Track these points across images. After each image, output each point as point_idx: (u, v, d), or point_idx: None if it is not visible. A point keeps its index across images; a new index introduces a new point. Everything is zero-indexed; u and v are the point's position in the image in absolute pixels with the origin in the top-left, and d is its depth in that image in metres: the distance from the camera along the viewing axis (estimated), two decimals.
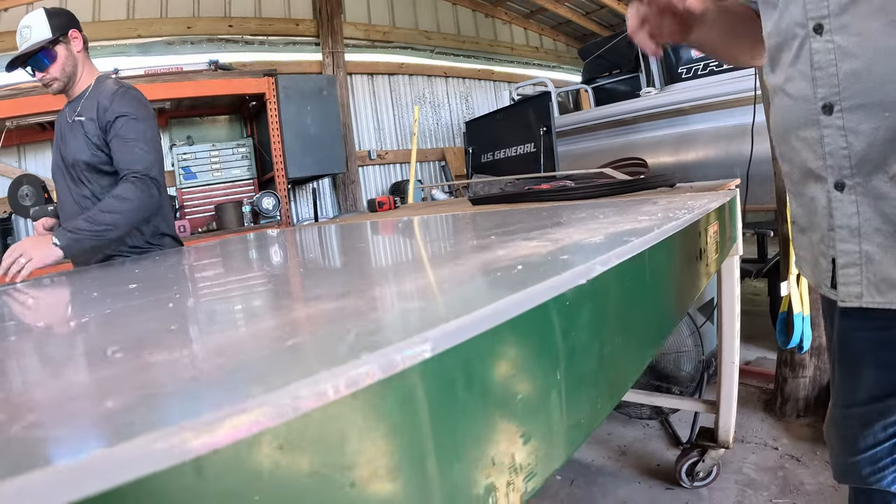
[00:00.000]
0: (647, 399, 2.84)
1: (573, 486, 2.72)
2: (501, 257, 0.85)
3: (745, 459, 2.74)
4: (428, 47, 9.20)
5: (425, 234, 1.52)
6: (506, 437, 0.52)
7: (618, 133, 5.06)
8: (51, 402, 0.45)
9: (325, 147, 6.45)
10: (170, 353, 0.53)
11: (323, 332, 0.55)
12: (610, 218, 1.18)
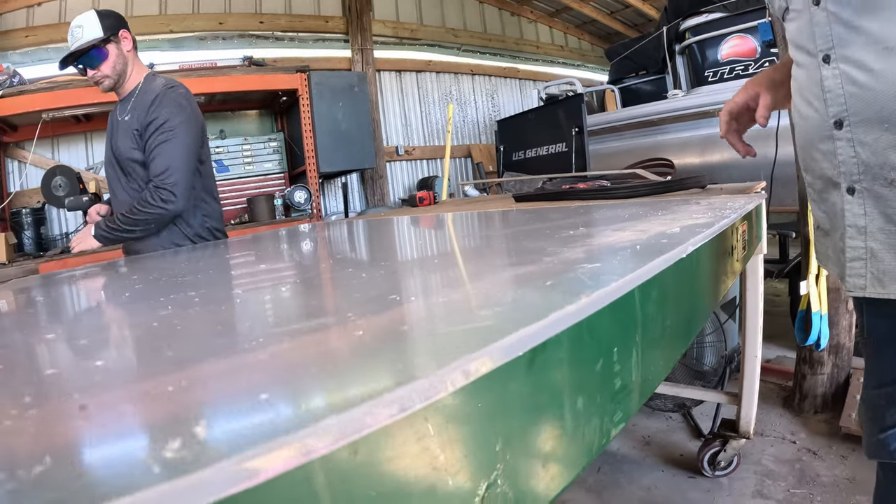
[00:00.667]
0: (673, 390, 2.93)
1: (600, 473, 2.82)
2: (617, 240, 0.95)
3: (764, 452, 2.82)
4: (455, 45, 9.26)
5: (518, 225, 1.53)
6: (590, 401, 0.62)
7: (644, 134, 5.10)
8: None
9: (356, 142, 6.51)
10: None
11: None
12: (670, 215, 1.27)
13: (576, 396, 0.57)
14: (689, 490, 2.62)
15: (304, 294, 0.95)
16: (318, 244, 1.90)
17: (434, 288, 0.86)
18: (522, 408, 0.50)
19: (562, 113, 5.00)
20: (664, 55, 6.08)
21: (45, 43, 6.58)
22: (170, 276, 1.40)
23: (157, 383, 0.47)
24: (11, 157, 6.40)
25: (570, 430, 0.56)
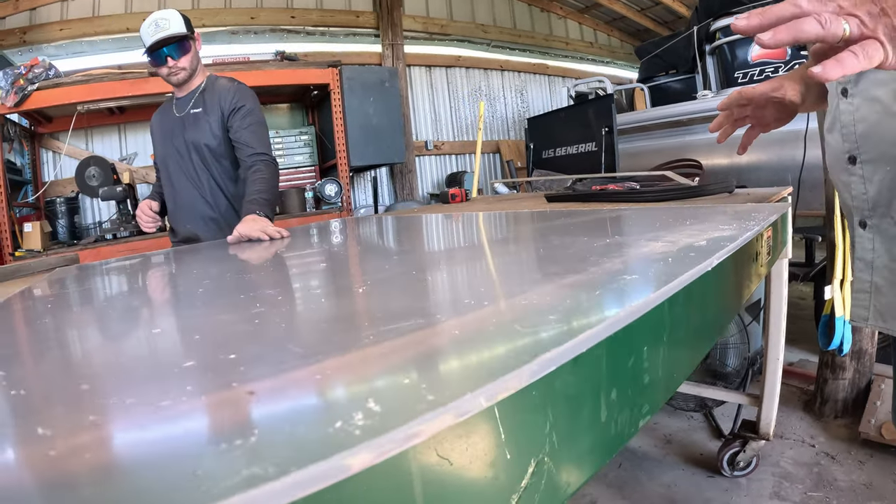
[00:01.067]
0: (696, 390, 2.96)
1: (620, 469, 2.86)
2: (651, 251, 1.01)
3: (783, 454, 2.84)
4: (484, 41, 9.27)
5: (558, 230, 1.52)
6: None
7: (673, 133, 5.11)
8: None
9: (386, 137, 6.56)
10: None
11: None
12: (698, 224, 1.30)
13: (610, 389, 0.63)
14: (708, 489, 2.66)
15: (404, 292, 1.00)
16: (397, 240, 1.93)
17: (503, 292, 0.91)
18: (566, 397, 0.55)
19: (592, 112, 5.03)
20: (694, 55, 6.08)
21: (79, 36, 6.71)
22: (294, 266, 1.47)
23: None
24: (46, 147, 6.53)
25: (604, 418, 0.62)
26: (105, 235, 5.61)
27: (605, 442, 0.64)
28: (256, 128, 3.02)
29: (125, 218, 5.58)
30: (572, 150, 5.18)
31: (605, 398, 0.63)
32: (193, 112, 3.01)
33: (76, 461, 0.38)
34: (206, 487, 0.32)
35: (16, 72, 5.20)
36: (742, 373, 3.18)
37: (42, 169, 6.54)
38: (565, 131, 5.36)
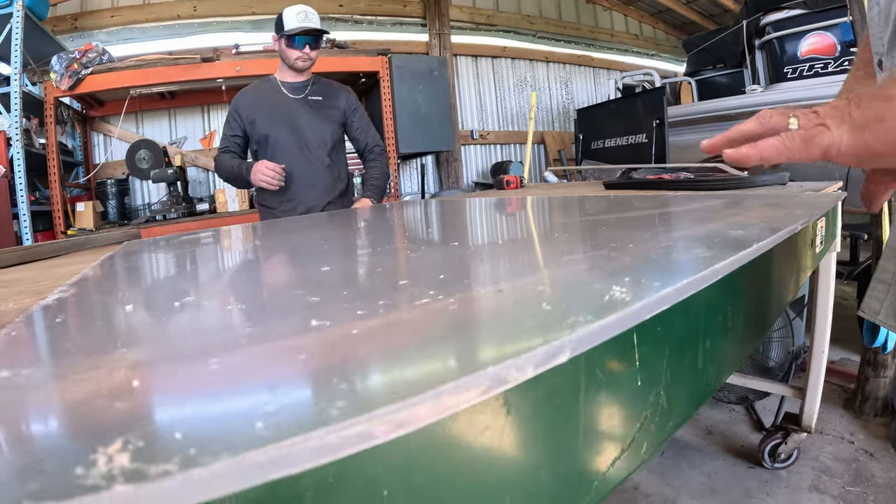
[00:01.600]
0: (742, 381, 2.97)
1: (663, 457, 2.89)
2: (714, 230, 1.04)
3: (823, 449, 2.86)
4: (530, 32, 9.25)
5: (626, 210, 1.55)
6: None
7: (720, 128, 5.03)
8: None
9: (434, 125, 6.60)
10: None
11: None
12: (756, 211, 1.30)
13: (706, 339, 0.71)
14: (748, 479, 2.69)
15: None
16: (491, 219, 1.97)
17: (588, 264, 0.95)
18: (678, 339, 0.64)
19: (643, 104, 5.02)
20: (743, 49, 6.03)
21: (130, 23, 6.87)
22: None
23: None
24: (97, 130, 6.70)
25: (700, 365, 0.69)
26: (155, 216, 5.75)
27: (700, 387, 0.71)
28: (370, 125, 3.52)
29: (175, 199, 5.72)
30: (622, 142, 5.18)
31: (703, 347, 0.68)
32: (313, 99, 3.30)
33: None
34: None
35: (70, 56, 5.32)
36: (785, 366, 3.19)
37: (93, 151, 6.72)
38: (615, 123, 5.35)
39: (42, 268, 1.52)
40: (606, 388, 0.54)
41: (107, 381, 0.43)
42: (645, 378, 0.58)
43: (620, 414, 0.57)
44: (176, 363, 0.50)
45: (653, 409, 0.60)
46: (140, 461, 0.29)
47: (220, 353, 0.50)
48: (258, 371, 0.45)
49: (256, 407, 0.36)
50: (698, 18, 11.08)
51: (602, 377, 0.52)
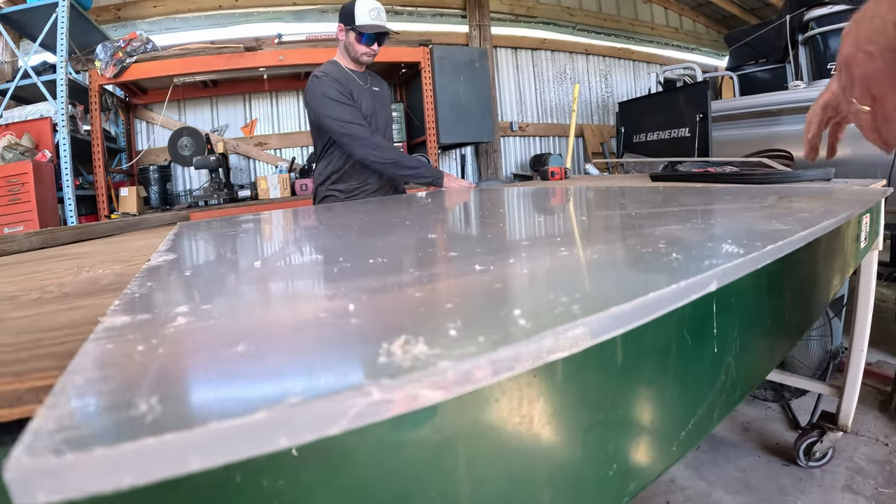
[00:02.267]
0: (780, 377, 2.97)
1: (698, 451, 2.91)
2: (762, 217, 1.07)
3: (857, 450, 2.85)
4: (570, 24, 9.20)
5: (676, 201, 1.59)
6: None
7: (761, 124, 5.05)
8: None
9: (475, 116, 6.63)
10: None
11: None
12: (804, 202, 1.32)
13: (766, 315, 0.73)
14: (783, 476, 2.70)
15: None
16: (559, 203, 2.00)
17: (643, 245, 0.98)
18: (747, 309, 0.67)
19: (686, 98, 5.00)
20: (786, 44, 5.98)
21: (172, 13, 7.00)
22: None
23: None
24: (140, 117, 6.85)
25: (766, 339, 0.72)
26: (197, 202, 5.86)
27: (762, 362, 0.76)
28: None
29: (217, 186, 5.81)
30: (664, 136, 5.16)
31: (765, 323, 0.73)
32: (375, 89, 3.42)
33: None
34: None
35: (115, 45, 5.44)
36: (823, 365, 3.18)
37: (136, 138, 6.87)
38: (657, 116, 5.33)
39: (108, 243, 1.59)
40: (692, 351, 0.57)
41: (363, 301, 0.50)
42: (720, 347, 0.62)
43: (701, 377, 0.61)
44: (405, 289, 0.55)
45: (725, 375, 0.63)
46: (432, 348, 0.37)
47: (420, 284, 0.54)
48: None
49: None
50: (739, 12, 10.96)
51: (689, 340, 0.56)
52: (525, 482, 0.44)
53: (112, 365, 0.35)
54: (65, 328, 0.51)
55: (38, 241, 1.71)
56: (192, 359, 0.37)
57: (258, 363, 0.36)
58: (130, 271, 0.86)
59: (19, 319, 0.56)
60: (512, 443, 0.43)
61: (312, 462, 0.32)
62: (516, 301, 0.45)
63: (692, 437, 0.61)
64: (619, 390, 0.50)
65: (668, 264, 0.55)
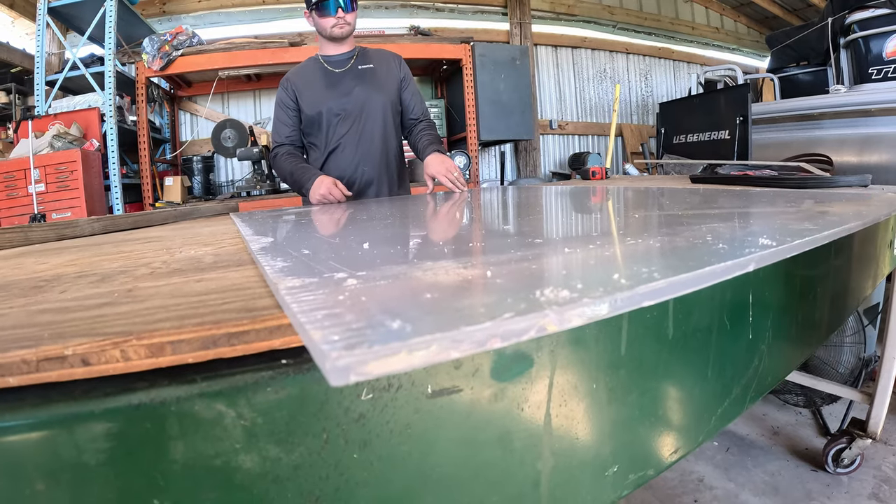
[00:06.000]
0: (811, 382, 2.99)
1: (728, 453, 2.95)
2: (800, 216, 1.12)
3: (886, 459, 2.87)
4: (610, 22, 9.19)
5: (720, 202, 1.65)
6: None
7: (801, 127, 5.04)
8: None
9: (516, 114, 6.65)
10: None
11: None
12: (837, 206, 1.37)
13: (802, 307, 0.81)
14: (810, 482, 2.73)
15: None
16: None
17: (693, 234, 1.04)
18: (779, 298, 0.74)
19: (726, 101, 5.00)
20: (827, 47, 5.93)
21: (216, 8, 7.17)
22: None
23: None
24: (184, 109, 7.03)
25: (800, 322, 0.80)
26: (240, 192, 5.99)
27: (791, 354, 0.83)
28: (421, 95, 3.37)
29: (260, 177, 5.91)
30: (704, 137, 5.16)
31: (796, 318, 0.80)
32: (363, 67, 3.18)
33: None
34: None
35: (162, 38, 5.58)
36: (856, 373, 3.20)
37: (180, 129, 7.04)
38: (697, 118, 5.33)
39: (174, 230, 1.66)
40: (730, 333, 0.64)
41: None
42: (755, 332, 0.68)
43: (737, 356, 0.68)
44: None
45: (759, 360, 0.70)
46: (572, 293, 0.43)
47: (528, 261, 0.61)
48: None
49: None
50: (780, 12, 10.84)
51: (728, 325, 0.63)
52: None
53: (336, 306, 0.41)
54: (212, 293, 0.55)
55: (99, 227, 1.81)
56: (400, 301, 0.42)
57: (452, 303, 0.42)
58: (224, 252, 0.91)
59: (159, 287, 0.61)
60: (598, 376, 0.52)
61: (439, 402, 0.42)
62: (610, 270, 0.51)
63: (728, 413, 0.68)
64: (671, 357, 0.59)
65: (717, 251, 0.61)
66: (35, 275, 0.82)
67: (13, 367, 0.33)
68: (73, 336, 0.37)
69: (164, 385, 0.36)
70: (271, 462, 0.35)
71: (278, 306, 0.44)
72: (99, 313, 0.46)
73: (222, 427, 0.35)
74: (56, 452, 0.33)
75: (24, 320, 0.46)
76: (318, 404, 0.36)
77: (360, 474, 0.38)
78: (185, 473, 0.34)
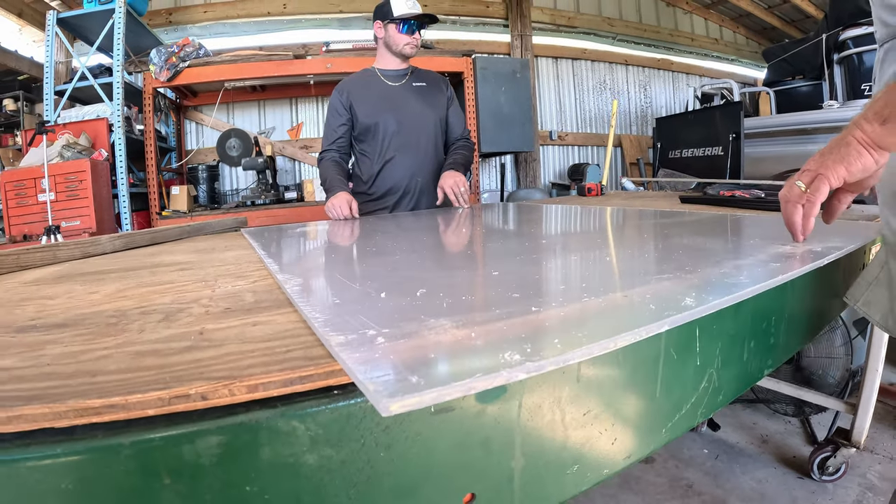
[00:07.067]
0: (798, 393, 3.07)
1: (717, 460, 3.04)
2: (778, 253, 1.22)
3: (871, 468, 2.95)
4: (610, 34, 9.31)
5: (712, 230, 1.69)
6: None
7: (796, 141, 5.12)
8: None
9: (516, 126, 6.70)
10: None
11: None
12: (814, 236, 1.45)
13: (751, 340, 0.94)
14: (796, 489, 2.81)
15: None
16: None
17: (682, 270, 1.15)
18: (728, 335, 0.88)
19: (720, 118, 5.10)
20: (822, 62, 6.05)
21: (221, 18, 7.29)
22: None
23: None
24: (189, 118, 7.15)
25: (745, 358, 0.93)
26: (245, 202, 6.08)
27: (744, 375, 0.94)
28: (463, 115, 3.54)
29: (265, 187, 6.03)
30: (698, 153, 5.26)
31: (747, 344, 0.92)
32: (417, 85, 3.33)
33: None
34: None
35: (169, 50, 5.68)
36: (843, 384, 3.29)
37: (185, 138, 7.15)
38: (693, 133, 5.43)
39: (198, 251, 1.74)
40: (677, 361, 0.78)
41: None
42: (702, 359, 0.82)
43: (685, 379, 0.81)
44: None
45: (707, 383, 0.83)
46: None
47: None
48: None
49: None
50: (779, 24, 10.95)
51: (674, 354, 0.76)
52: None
53: (375, 362, 0.54)
54: (273, 340, 0.67)
55: (120, 245, 1.92)
56: (414, 359, 0.55)
57: (448, 360, 0.55)
58: (259, 288, 1.02)
59: (224, 331, 0.73)
60: (559, 396, 0.64)
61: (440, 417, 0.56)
62: (555, 332, 0.63)
63: (678, 426, 0.80)
64: (622, 381, 0.71)
65: (644, 312, 0.72)
66: (97, 307, 0.93)
67: (150, 403, 0.47)
68: (190, 380, 0.52)
69: (256, 409, 0.51)
70: (326, 459, 0.51)
71: (329, 355, 0.58)
72: (192, 357, 0.60)
73: (295, 436, 0.50)
74: (181, 456, 0.48)
75: (130, 363, 0.59)
76: (357, 420, 0.52)
77: (385, 468, 0.54)
78: (269, 468, 0.50)
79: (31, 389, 0.53)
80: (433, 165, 3.35)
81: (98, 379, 0.54)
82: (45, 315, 0.89)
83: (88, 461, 0.47)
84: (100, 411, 0.48)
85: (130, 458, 0.47)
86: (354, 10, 7.52)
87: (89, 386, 0.52)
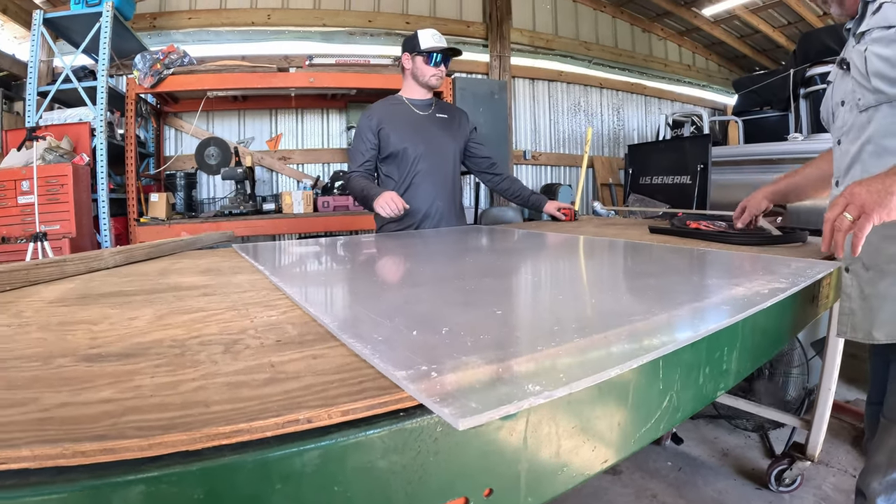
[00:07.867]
0: (756, 409, 3.22)
1: (680, 472, 3.17)
2: (736, 294, 1.36)
3: (826, 480, 3.09)
4: (586, 57, 9.50)
5: (678, 264, 1.85)
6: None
7: (762, 170, 5.23)
8: None
9: (491, 146, 6.41)
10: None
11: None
12: (768, 275, 1.51)
13: (705, 366, 1.08)
14: (754, 499, 2.95)
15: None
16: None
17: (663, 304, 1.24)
18: (686, 364, 1.02)
19: (689, 148, 5.23)
20: (789, 95, 6.24)
21: (206, 26, 7.32)
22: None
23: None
24: (169, 125, 7.17)
25: (701, 381, 1.08)
26: (223, 211, 6.12)
27: (700, 396, 1.09)
28: (483, 144, 3.78)
29: (243, 197, 6.06)
30: (668, 181, 5.37)
31: (703, 371, 1.07)
32: (440, 116, 3.54)
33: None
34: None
35: (154, 56, 5.70)
36: (799, 401, 3.45)
37: (164, 144, 7.15)
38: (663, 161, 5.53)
39: (206, 273, 1.77)
40: (644, 385, 0.92)
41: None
42: (664, 384, 0.96)
43: (650, 400, 0.95)
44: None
45: (668, 402, 0.98)
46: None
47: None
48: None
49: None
50: (750, 52, 11.19)
51: (642, 379, 0.92)
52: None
53: (437, 393, 0.67)
54: (342, 372, 0.80)
55: (121, 259, 2.00)
56: (460, 387, 0.70)
57: (488, 388, 0.70)
58: (295, 320, 1.11)
59: (290, 364, 0.84)
60: (554, 415, 0.78)
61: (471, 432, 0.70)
62: (528, 379, 0.77)
63: (645, 437, 0.95)
64: (601, 401, 0.86)
65: (626, 347, 0.88)
66: (149, 336, 1.01)
67: (269, 427, 0.61)
68: (294, 408, 0.65)
69: (346, 428, 0.64)
70: (392, 463, 0.65)
71: (395, 385, 0.72)
72: (282, 389, 0.72)
73: (371, 446, 0.64)
74: (291, 466, 0.61)
75: (230, 394, 0.71)
76: (417, 433, 0.65)
77: (433, 469, 0.68)
78: (352, 472, 0.64)
79: (160, 420, 0.63)
80: (452, 191, 3.55)
81: (214, 409, 0.65)
82: (102, 343, 0.96)
83: (216, 475, 0.59)
84: (229, 436, 0.60)
85: (253, 471, 0.59)
86: (337, 24, 7.62)
87: (212, 415, 0.63)
